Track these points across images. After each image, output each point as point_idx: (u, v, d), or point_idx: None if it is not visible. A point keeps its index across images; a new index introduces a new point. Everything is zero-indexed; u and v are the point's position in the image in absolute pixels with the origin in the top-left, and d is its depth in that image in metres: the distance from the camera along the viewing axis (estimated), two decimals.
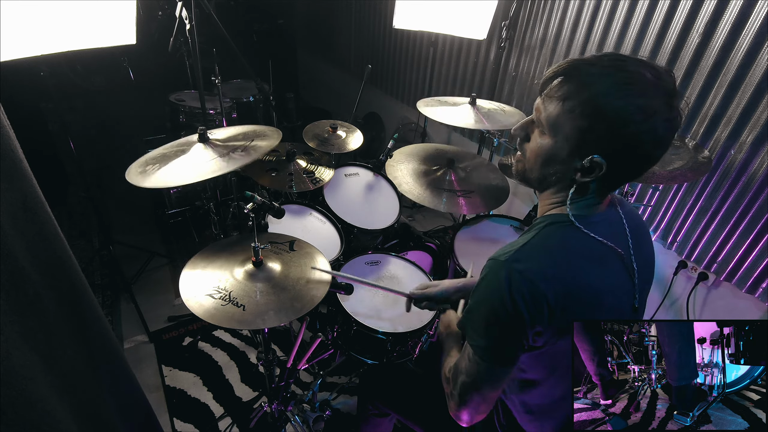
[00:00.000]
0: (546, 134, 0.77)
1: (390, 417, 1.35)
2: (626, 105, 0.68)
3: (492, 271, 0.78)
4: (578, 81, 0.72)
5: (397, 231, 1.96)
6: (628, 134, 0.69)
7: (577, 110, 0.71)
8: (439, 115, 1.90)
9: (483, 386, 0.81)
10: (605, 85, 0.69)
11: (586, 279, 0.78)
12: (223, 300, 1.09)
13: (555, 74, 0.75)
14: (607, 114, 0.69)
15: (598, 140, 0.72)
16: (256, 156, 1.33)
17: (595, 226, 0.80)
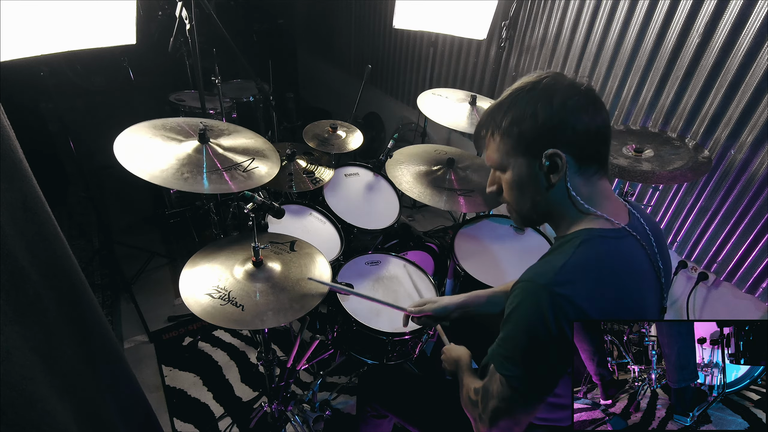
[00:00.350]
0: (505, 171, 0.84)
1: (389, 418, 1.35)
2: (532, 96, 0.77)
3: (530, 296, 0.73)
4: (491, 118, 0.82)
5: (397, 231, 1.96)
6: (549, 113, 0.75)
7: (505, 132, 0.80)
8: (439, 116, 1.90)
9: (517, 413, 0.78)
10: (507, 103, 0.80)
11: (629, 296, 0.77)
12: (222, 300, 1.09)
13: (477, 130, 0.87)
14: (521, 113, 0.77)
15: (535, 137, 0.77)
16: (251, 185, 1.30)
17: (628, 238, 0.80)
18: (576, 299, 0.70)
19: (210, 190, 1.25)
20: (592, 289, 0.72)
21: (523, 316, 0.74)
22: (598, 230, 0.78)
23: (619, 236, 0.79)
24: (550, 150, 0.76)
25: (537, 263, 0.80)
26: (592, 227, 0.79)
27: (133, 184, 1.23)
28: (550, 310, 0.70)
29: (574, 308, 0.70)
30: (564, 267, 0.73)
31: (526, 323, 0.73)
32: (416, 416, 1.22)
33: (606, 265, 0.75)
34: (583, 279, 0.73)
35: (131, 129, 1.31)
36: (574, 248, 0.76)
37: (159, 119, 1.39)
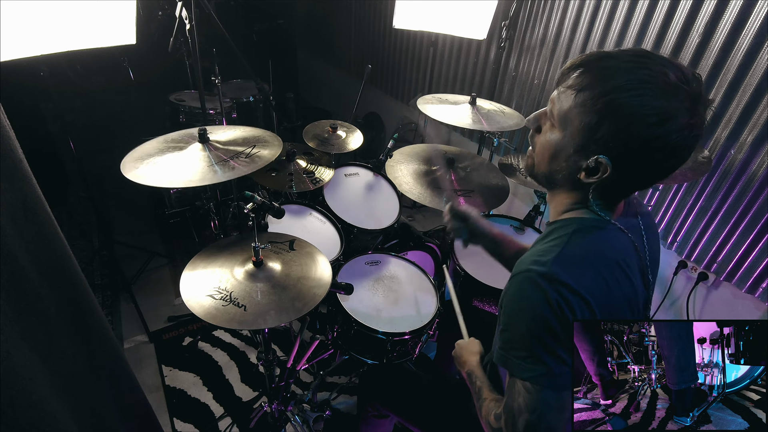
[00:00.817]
0: (556, 128, 0.75)
1: (390, 418, 1.35)
2: (641, 104, 0.64)
3: (532, 285, 0.71)
4: (595, 74, 0.68)
5: (397, 231, 1.96)
6: (639, 136, 0.65)
7: (589, 104, 0.68)
8: (439, 114, 1.90)
9: (553, 418, 0.72)
10: (622, 80, 0.65)
11: (623, 289, 0.76)
12: (224, 300, 1.09)
13: (574, 65, 0.71)
14: (618, 111, 0.65)
15: (606, 139, 0.68)
16: (257, 167, 1.33)
17: (617, 232, 0.79)
18: (575, 285, 0.69)
19: (224, 178, 1.27)
20: (588, 276, 0.72)
21: (528, 306, 0.71)
22: (590, 219, 0.78)
23: (610, 228, 0.79)
24: (603, 158, 0.69)
25: (530, 252, 0.78)
26: (586, 216, 0.79)
27: (132, 184, 1.23)
28: (553, 296, 0.68)
29: (575, 295, 0.69)
30: (560, 255, 0.72)
31: (533, 312, 0.70)
32: (417, 416, 1.22)
33: (598, 254, 0.75)
34: (578, 267, 0.72)
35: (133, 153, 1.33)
36: (567, 236, 0.75)
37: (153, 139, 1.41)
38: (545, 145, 0.78)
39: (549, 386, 0.71)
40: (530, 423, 0.72)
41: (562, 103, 0.72)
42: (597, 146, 0.69)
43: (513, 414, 0.75)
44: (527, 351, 0.71)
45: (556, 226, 0.80)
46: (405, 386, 1.27)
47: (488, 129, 1.84)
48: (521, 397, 0.73)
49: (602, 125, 0.67)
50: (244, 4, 3.89)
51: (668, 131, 0.64)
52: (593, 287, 0.72)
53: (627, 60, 0.66)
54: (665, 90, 0.64)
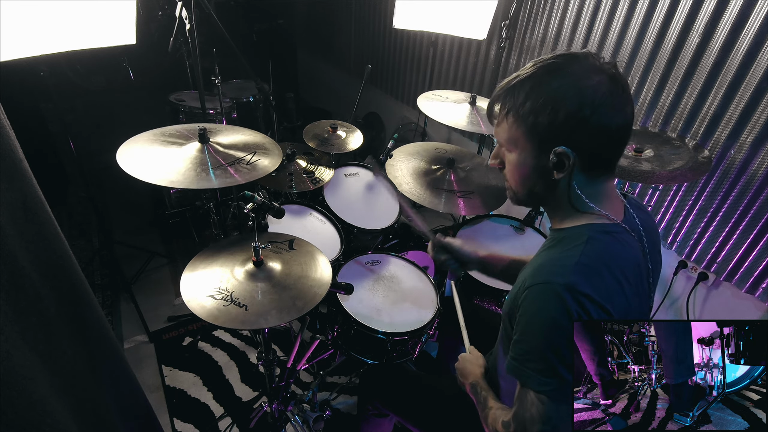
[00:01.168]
0: (511, 152, 0.81)
1: (390, 417, 1.35)
2: (555, 87, 0.71)
3: (551, 298, 0.71)
4: (509, 95, 0.77)
5: (397, 231, 1.96)
6: (569, 112, 0.71)
7: (520, 117, 0.76)
8: (439, 115, 1.90)
9: (561, 425, 0.73)
10: (529, 85, 0.74)
11: (638, 292, 0.78)
12: (225, 301, 1.09)
13: (491, 103, 0.82)
14: (541, 104, 0.72)
15: (549, 132, 0.73)
16: (256, 176, 1.32)
17: (626, 235, 0.80)
18: (596, 296, 0.70)
19: (218, 185, 1.27)
20: (607, 285, 0.73)
21: (548, 317, 0.71)
22: (600, 225, 0.79)
23: (619, 231, 0.79)
24: (560, 149, 0.73)
25: (544, 263, 0.78)
26: (594, 222, 0.79)
27: (132, 184, 1.23)
28: (574, 307, 0.69)
29: (596, 306, 0.70)
30: (578, 265, 0.72)
31: (552, 324, 0.71)
32: (417, 415, 1.22)
33: (615, 261, 0.76)
34: (598, 276, 0.73)
35: (130, 141, 1.32)
36: (582, 244, 0.76)
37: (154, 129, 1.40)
38: (512, 170, 0.83)
39: (564, 400, 0.72)
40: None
41: (503, 133, 0.81)
42: (548, 143, 0.75)
43: (524, 424, 0.76)
44: (544, 364, 0.72)
45: (566, 235, 0.80)
46: (405, 386, 1.27)
47: (486, 132, 1.84)
48: (534, 408, 0.74)
49: (537, 123, 0.74)
50: (244, 4, 3.89)
51: (590, 96, 0.70)
52: (613, 295, 0.73)
53: (528, 69, 0.76)
54: (564, 69, 0.72)
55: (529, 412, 0.75)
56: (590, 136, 0.73)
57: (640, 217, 0.86)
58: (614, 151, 0.77)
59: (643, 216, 0.87)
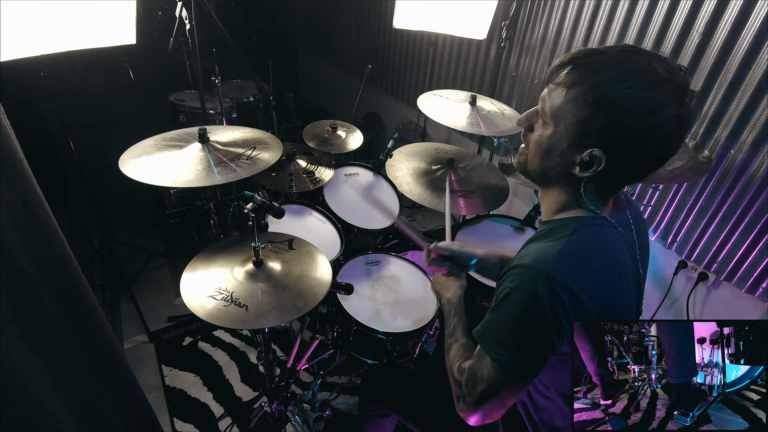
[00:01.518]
0: (548, 124, 0.76)
1: (391, 417, 1.35)
2: (630, 96, 0.65)
3: (528, 281, 0.72)
4: (585, 69, 0.69)
5: (397, 231, 1.96)
6: (630, 128, 0.67)
7: (580, 99, 0.69)
8: (439, 115, 1.90)
9: (506, 395, 0.77)
10: (611, 74, 0.67)
11: (619, 287, 0.78)
12: (225, 301, 1.09)
13: (563, 63, 0.73)
14: (609, 104, 0.67)
15: (598, 132, 0.69)
16: (257, 170, 1.33)
17: (613, 230, 0.80)
18: (572, 286, 0.70)
19: (222, 180, 1.27)
20: (586, 276, 0.73)
21: (519, 300, 0.73)
22: (588, 218, 0.79)
23: (605, 225, 0.80)
24: (597, 152, 0.70)
25: (530, 250, 0.78)
26: (583, 215, 0.80)
27: (133, 184, 1.23)
28: (546, 295, 0.70)
29: (570, 294, 0.70)
30: (561, 254, 0.73)
31: (522, 307, 0.72)
32: (419, 415, 1.22)
33: (597, 254, 0.76)
34: (578, 266, 0.73)
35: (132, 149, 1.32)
36: (568, 235, 0.76)
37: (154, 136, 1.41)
38: (538, 142, 0.79)
39: (512, 372, 0.74)
40: (485, 392, 0.77)
41: (554, 100, 0.74)
42: (590, 140, 0.71)
43: (475, 378, 0.79)
44: (503, 336, 0.75)
45: (553, 226, 0.81)
46: (407, 386, 1.27)
47: (487, 133, 1.83)
48: (486, 369, 0.77)
49: (594, 119, 0.69)
50: (244, 4, 3.89)
51: (659, 121, 0.66)
52: (591, 286, 0.73)
53: (615, 55, 0.68)
54: (654, 81, 0.65)
55: (481, 371, 0.78)
56: (633, 158, 0.71)
57: (631, 211, 0.86)
58: (648, 173, 0.74)
59: (633, 210, 0.88)
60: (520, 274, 0.74)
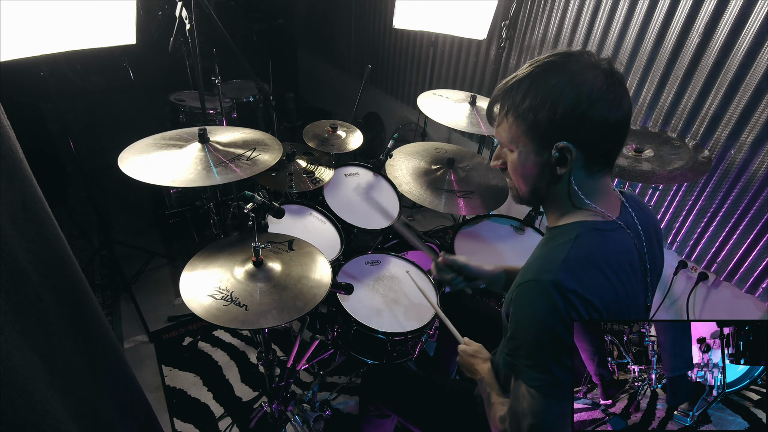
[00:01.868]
0: (513, 151, 0.82)
1: (392, 418, 1.35)
2: (553, 84, 0.73)
3: (536, 294, 0.73)
4: (508, 95, 0.79)
5: (397, 231, 1.96)
6: (567, 107, 0.72)
7: (519, 113, 0.77)
8: (439, 115, 1.90)
9: (555, 422, 0.74)
10: (527, 83, 0.76)
11: (627, 289, 0.78)
12: (225, 300, 1.09)
13: (491, 104, 0.84)
14: (540, 101, 0.74)
15: (549, 128, 0.74)
16: (257, 171, 1.33)
17: (619, 232, 0.81)
18: (582, 291, 0.71)
19: (221, 181, 1.28)
20: (594, 281, 0.73)
21: (537, 316, 0.72)
22: (592, 222, 0.80)
23: (612, 228, 0.80)
24: (562, 143, 0.74)
25: (534, 260, 0.80)
26: (587, 220, 0.80)
27: (133, 184, 1.23)
28: (561, 304, 0.70)
29: (582, 301, 0.70)
30: (566, 261, 0.74)
31: (542, 323, 0.72)
32: (419, 416, 1.22)
33: (603, 257, 0.76)
34: (584, 271, 0.73)
35: (130, 148, 1.32)
36: (571, 242, 0.77)
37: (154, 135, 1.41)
38: (515, 168, 0.84)
39: (553, 395, 0.73)
40: (534, 426, 0.75)
41: (504, 133, 0.82)
42: (549, 139, 0.76)
43: (518, 417, 0.77)
44: (534, 360, 0.74)
45: (557, 232, 0.82)
46: (407, 386, 1.27)
47: (487, 133, 1.84)
48: (526, 402, 0.75)
49: (538, 119, 0.75)
50: (244, 4, 3.89)
51: (587, 91, 0.71)
52: (600, 290, 0.73)
53: (525, 70, 0.78)
54: (561, 67, 0.74)
55: (521, 406, 0.76)
56: (590, 129, 0.74)
57: (638, 216, 0.86)
58: (613, 145, 0.78)
59: (642, 215, 0.87)
60: (528, 290, 0.75)
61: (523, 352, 0.75)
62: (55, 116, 2.27)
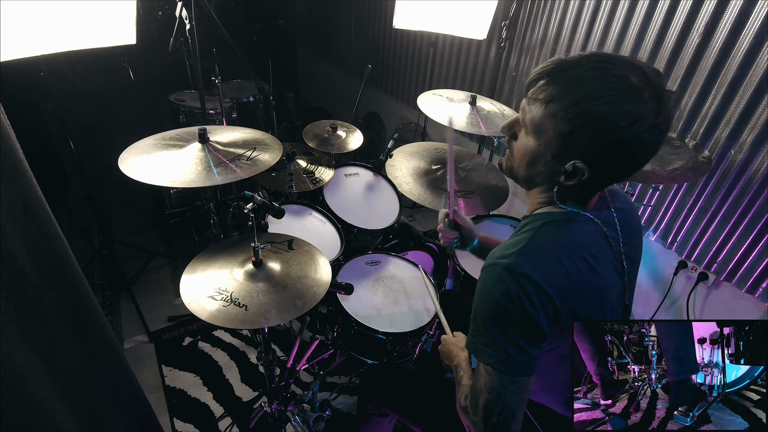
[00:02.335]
0: (530, 135, 0.78)
1: (390, 417, 1.35)
2: (610, 111, 0.67)
3: (493, 278, 0.76)
4: (562, 84, 0.71)
5: (397, 231, 1.96)
6: (612, 140, 0.69)
7: (560, 114, 0.71)
8: (439, 115, 1.89)
9: (509, 399, 0.76)
10: (589, 89, 0.68)
11: (586, 278, 0.78)
12: (225, 301, 1.09)
13: (540, 75, 0.74)
14: (590, 119, 0.68)
15: (580, 145, 0.71)
16: (257, 171, 1.33)
17: (588, 224, 0.82)
18: (534, 276, 0.73)
19: (221, 181, 1.28)
20: (550, 269, 0.75)
21: (491, 296, 0.75)
22: (559, 213, 0.81)
23: (579, 220, 0.81)
24: (580, 163, 0.72)
25: (500, 246, 0.82)
26: (555, 210, 0.82)
27: (133, 184, 1.23)
28: (513, 287, 0.73)
29: (534, 285, 0.73)
30: (525, 247, 0.77)
31: (495, 303, 0.75)
32: (418, 415, 1.22)
33: (561, 245, 0.78)
34: (541, 258, 0.76)
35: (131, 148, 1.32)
36: (534, 230, 0.80)
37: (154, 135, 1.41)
38: (523, 152, 0.81)
39: (506, 371, 0.76)
40: (489, 401, 0.78)
41: (533, 113, 0.75)
42: (573, 152, 0.73)
43: (476, 393, 0.81)
44: (490, 338, 0.77)
45: (528, 221, 0.84)
46: (405, 385, 1.27)
47: (486, 133, 1.84)
48: (483, 379, 0.79)
49: (576, 133, 0.71)
50: (244, 4, 3.89)
51: (638, 131, 0.68)
52: (553, 276, 0.75)
53: (591, 67, 0.69)
54: (631, 93, 0.67)
55: (479, 383, 0.80)
56: (615, 166, 0.74)
57: (616, 207, 0.87)
58: (627, 176, 0.77)
59: (621, 206, 0.88)
60: (488, 272, 0.77)
61: (482, 332, 0.78)
62: (55, 116, 2.27)
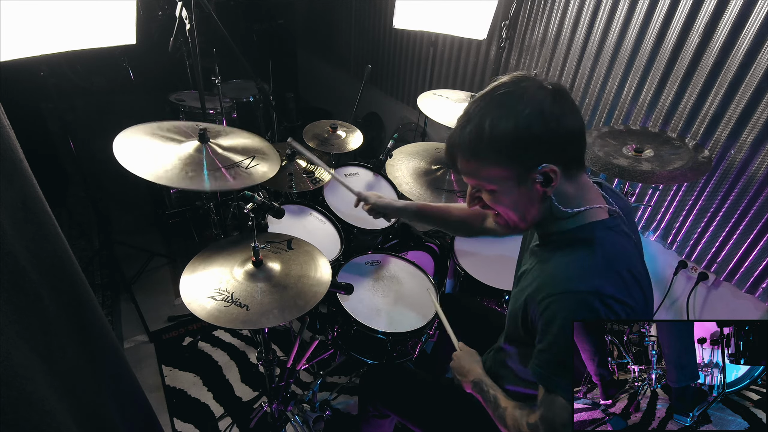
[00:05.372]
0: (491, 188, 0.80)
1: (391, 418, 1.34)
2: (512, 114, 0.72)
3: (580, 307, 0.72)
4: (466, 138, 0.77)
5: (397, 231, 1.96)
6: (537, 132, 0.72)
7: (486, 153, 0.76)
8: (439, 115, 1.90)
9: None
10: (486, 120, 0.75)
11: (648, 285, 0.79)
12: (225, 301, 1.09)
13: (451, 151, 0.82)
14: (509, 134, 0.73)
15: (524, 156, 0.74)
16: (251, 182, 1.32)
17: (621, 226, 0.81)
18: (619, 295, 0.71)
19: (211, 188, 1.26)
20: (625, 282, 0.74)
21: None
22: (600, 222, 0.80)
23: (617, 224, 0.81)
24: (545, 166, 0.74)
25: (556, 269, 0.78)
26: (594, 220, 0.81)
27: (133, 184, 1.23)
28: (603, 313, 0.70)
29: (620, 304, 0.71)
30: (594, 267, 0.74)
31: None
32: (418, 415, 1.21)
33: (624, 257, 0.77)
34: (616, 275, 0.74)
35: (129, 131, 1.31)
36: (592, 246, 0.77)
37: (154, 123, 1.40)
38: (498, 203, 0.82)
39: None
40: None
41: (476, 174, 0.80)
42: (527, 165, 0.75)
43: (555, 427, 0.77)
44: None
45: (570, 237, 0.81)
46: (406, 386, 1.27)
47: None
48: (567, 413, 0.75)
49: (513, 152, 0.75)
50: (244, 4, 3.88)
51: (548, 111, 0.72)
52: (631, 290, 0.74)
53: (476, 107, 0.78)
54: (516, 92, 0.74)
55: (560, 417, 0.76)
56: (563, 145, 0.75)
57: (617, 203, 0.87)
58: (582, 146, 0.79)
59: (619, 202, 0.88)
60: (567, 301, 0.73)
61: (563, 366, 0.74)
62: (55, 116, 2.27)
